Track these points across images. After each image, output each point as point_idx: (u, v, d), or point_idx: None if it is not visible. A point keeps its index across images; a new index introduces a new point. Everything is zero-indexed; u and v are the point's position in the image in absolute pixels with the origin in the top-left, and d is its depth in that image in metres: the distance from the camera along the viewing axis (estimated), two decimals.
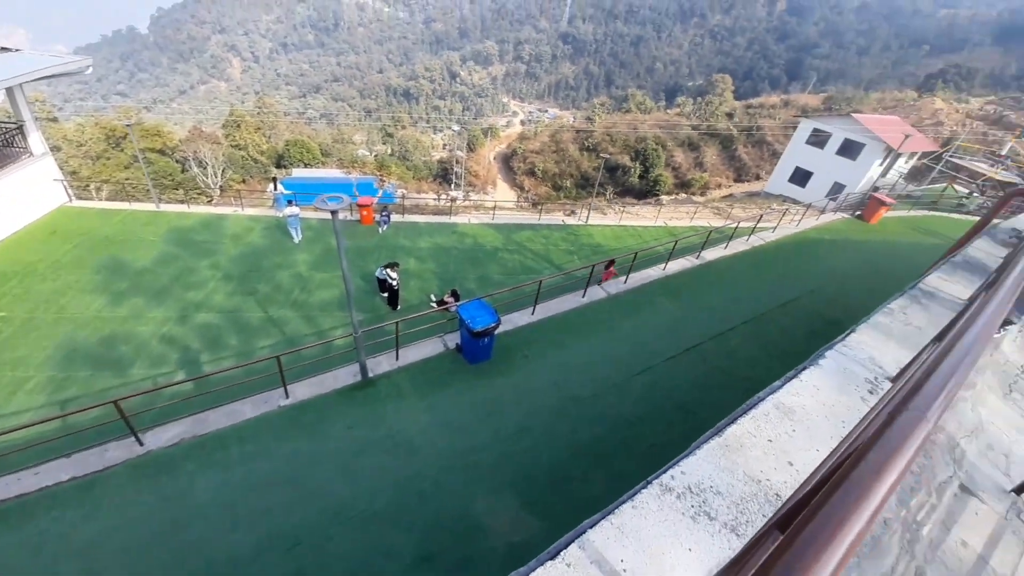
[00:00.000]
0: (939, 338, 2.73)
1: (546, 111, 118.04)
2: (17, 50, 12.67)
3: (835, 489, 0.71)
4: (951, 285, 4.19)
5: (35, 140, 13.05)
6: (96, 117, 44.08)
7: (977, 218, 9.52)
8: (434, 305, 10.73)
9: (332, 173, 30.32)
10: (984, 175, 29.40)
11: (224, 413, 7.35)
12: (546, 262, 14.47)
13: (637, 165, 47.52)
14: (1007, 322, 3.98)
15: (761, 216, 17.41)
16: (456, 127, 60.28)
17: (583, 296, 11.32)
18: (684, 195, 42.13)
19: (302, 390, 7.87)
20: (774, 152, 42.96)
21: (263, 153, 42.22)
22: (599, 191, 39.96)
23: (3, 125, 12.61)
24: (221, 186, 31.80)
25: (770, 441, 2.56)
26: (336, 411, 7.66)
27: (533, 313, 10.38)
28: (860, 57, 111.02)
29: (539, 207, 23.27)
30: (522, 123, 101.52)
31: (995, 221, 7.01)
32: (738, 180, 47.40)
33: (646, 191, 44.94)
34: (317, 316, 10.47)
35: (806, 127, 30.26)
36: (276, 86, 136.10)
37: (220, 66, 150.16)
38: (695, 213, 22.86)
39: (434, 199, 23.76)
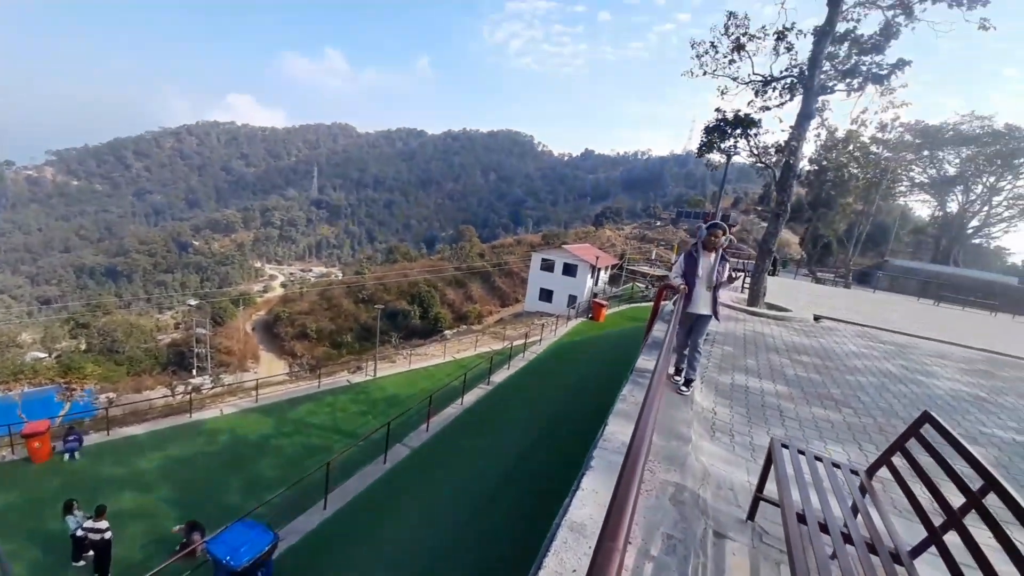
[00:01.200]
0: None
1: (310, 270, 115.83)
2: None
3: None
4: (649, 363, 5.51)
5: None
6: None
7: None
8: (177, 549, 7.68)
9: None
10: (648, 273, 42.91)
11: None
12: (336, 434, 12.73)
13: (416, 308, 50.11)
14: (690, 381, 5.33)
15: (527, 333, 20.30)
16: (193, 301, 51.42)
17: (384, 462, 10.18)
18: (465, 326, 45.93)
19: None
20: (522, 280, 52.49)
21: None
22: (383, 339, 39.59)
23: None
24: None
25: (575, 572, 2.51)
26: None
27: (325, 507, 8.58)
28: (554, 207, 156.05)
29: (318, 371, 21.11)
30: (283, 286, 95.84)
31: (662, 304, 9.94)
32: (503, 305, 55.16)
33: (430, 330, 47.08)
34: None
35: (537, 259, 38.80)
36: None
37: None
38: (477, 341, 24.91)
39: (165, 395, 18.25)
